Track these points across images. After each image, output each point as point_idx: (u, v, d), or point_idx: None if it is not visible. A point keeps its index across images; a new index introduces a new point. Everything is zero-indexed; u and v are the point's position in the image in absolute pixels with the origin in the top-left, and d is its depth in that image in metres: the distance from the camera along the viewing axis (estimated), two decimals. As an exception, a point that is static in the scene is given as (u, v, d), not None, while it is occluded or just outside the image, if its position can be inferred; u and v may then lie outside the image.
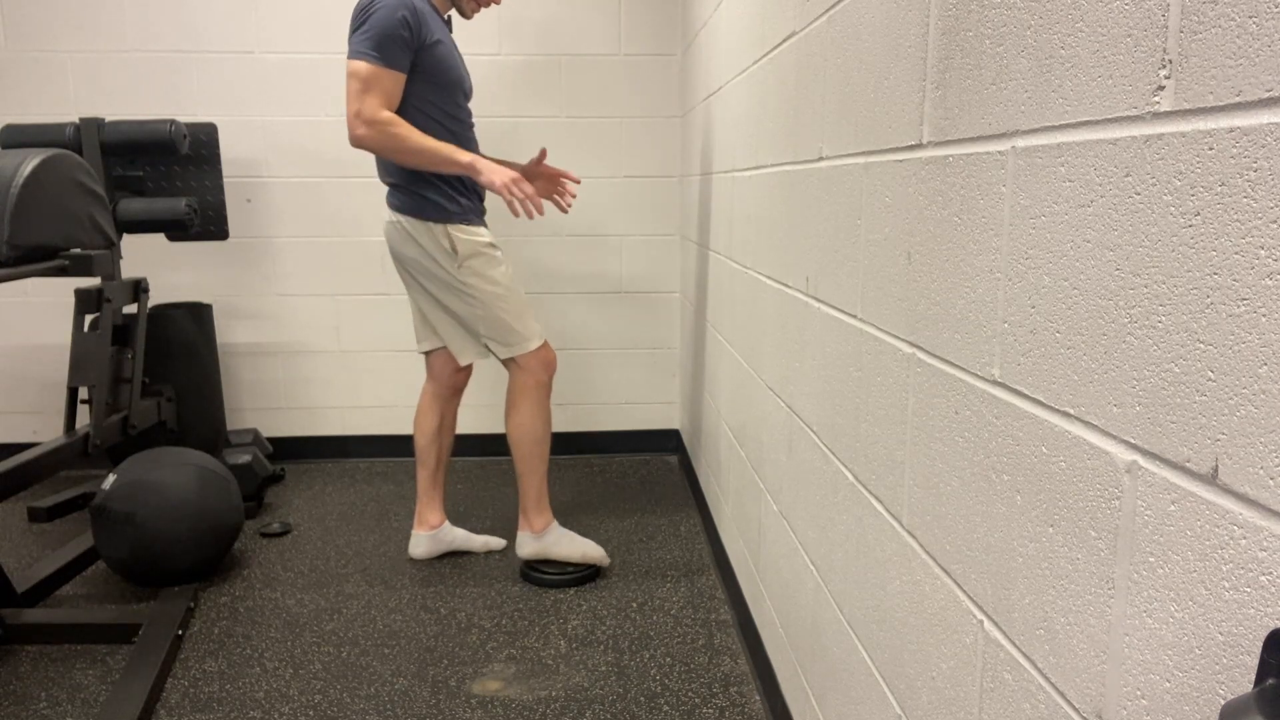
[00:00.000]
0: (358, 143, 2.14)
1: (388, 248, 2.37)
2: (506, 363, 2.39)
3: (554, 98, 3.32)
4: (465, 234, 2.27)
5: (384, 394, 3.50)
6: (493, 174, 2.16)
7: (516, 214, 2.16)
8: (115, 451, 2.92)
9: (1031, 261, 0.77)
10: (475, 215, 2.32)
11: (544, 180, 2.51)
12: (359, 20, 2.12)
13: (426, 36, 2.16)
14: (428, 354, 2.52)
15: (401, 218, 2.28)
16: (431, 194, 2.25)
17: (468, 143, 2.33)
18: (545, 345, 2.40)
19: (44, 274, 2.22)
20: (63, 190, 2.28)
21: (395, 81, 2.14)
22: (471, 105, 3.30)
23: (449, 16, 2.36)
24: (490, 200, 3.30)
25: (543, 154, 2.43)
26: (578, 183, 2.45)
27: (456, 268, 2.27)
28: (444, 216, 2.25)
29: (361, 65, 2.10)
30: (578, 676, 1.98)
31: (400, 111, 2.19)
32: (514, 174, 2.17)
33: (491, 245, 2.32)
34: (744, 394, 2.10)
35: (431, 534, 2.58)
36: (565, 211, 2.50)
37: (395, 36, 2.10)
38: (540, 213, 2.18)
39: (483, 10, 2.33)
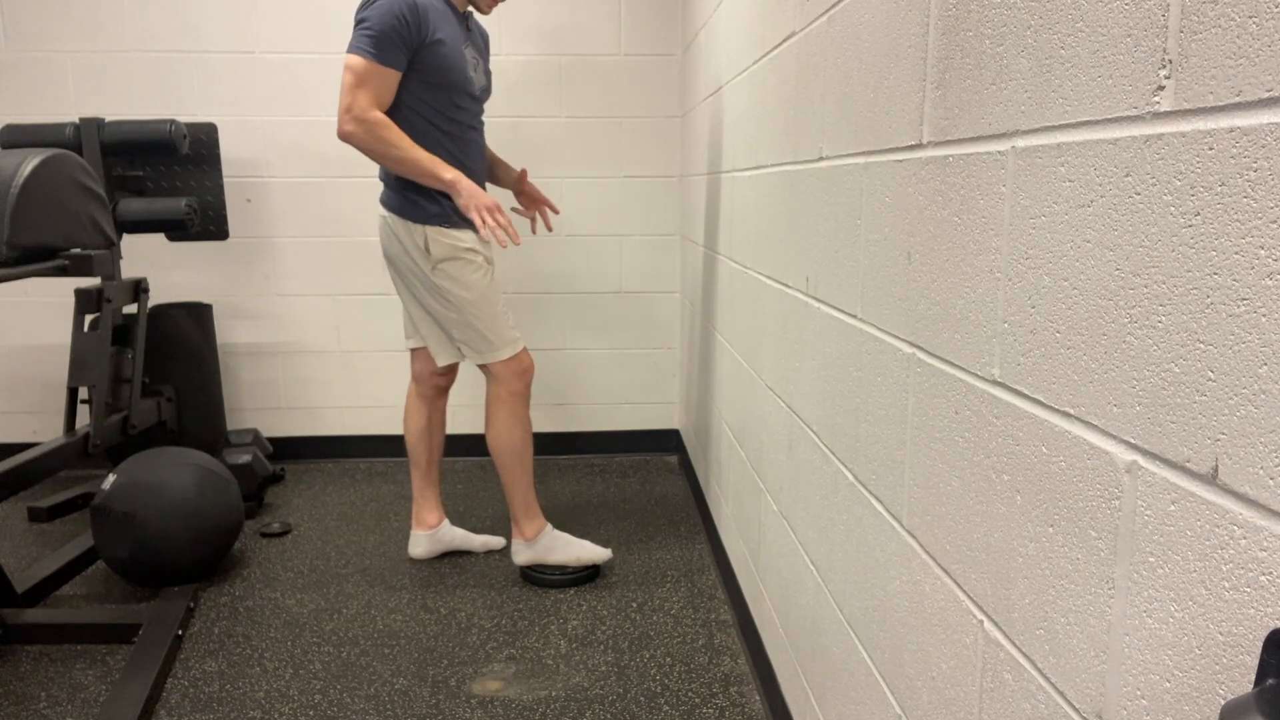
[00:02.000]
0: (345, 138, 2.14)
1: (381, 245, 2.38)
2: (481, 368, 2.39)
3: (554, 98, 3.32)
4: (442, 236, 2.25)
5: (384, 394, 3.50)
6: (470, 198, 2.17)
7: (487, 240, 2.20)
8: (115, 451, 2.92)
9: (1031, 261, 0.77)
10: (458, 217, 2.28)
11: (527, 198, 2.59)
12: (360, 14, 2.12)
13: (428, 35, 2.14)
14: (412, 351, 2.52)
15: (387, 214, 2.29)
16: (412, 193, 2.24)
17: (467, 145, 2.31)
18: (521, 354, 2.37)
19: (44, 274, 2.22)
20: (63, 190, 2.28)
21: (389, 79, 2.13)
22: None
23: (467, 12, 2.32)
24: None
25: (523, 174, 2.52)
26: (556, 213, 2.57)
27: (430, 269, 2.26)
28: (423, 217, 2.24)
29: (357, 60, 2.10)
30: (578, 676, 1.98)
31: (394, 109, 2.18)
32: (492, 201, 2.18)
33: (471, 250, 2.28)
34: (744, 394, 2.10)
35: (430, 533, 2.58)
36: (534, 233, 2.70)
37: (392, 34, 2.09)
38: (516, 242, 2.21)
39: (500, 5, 2.34)
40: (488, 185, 2.94)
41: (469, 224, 2.31)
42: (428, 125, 2.23)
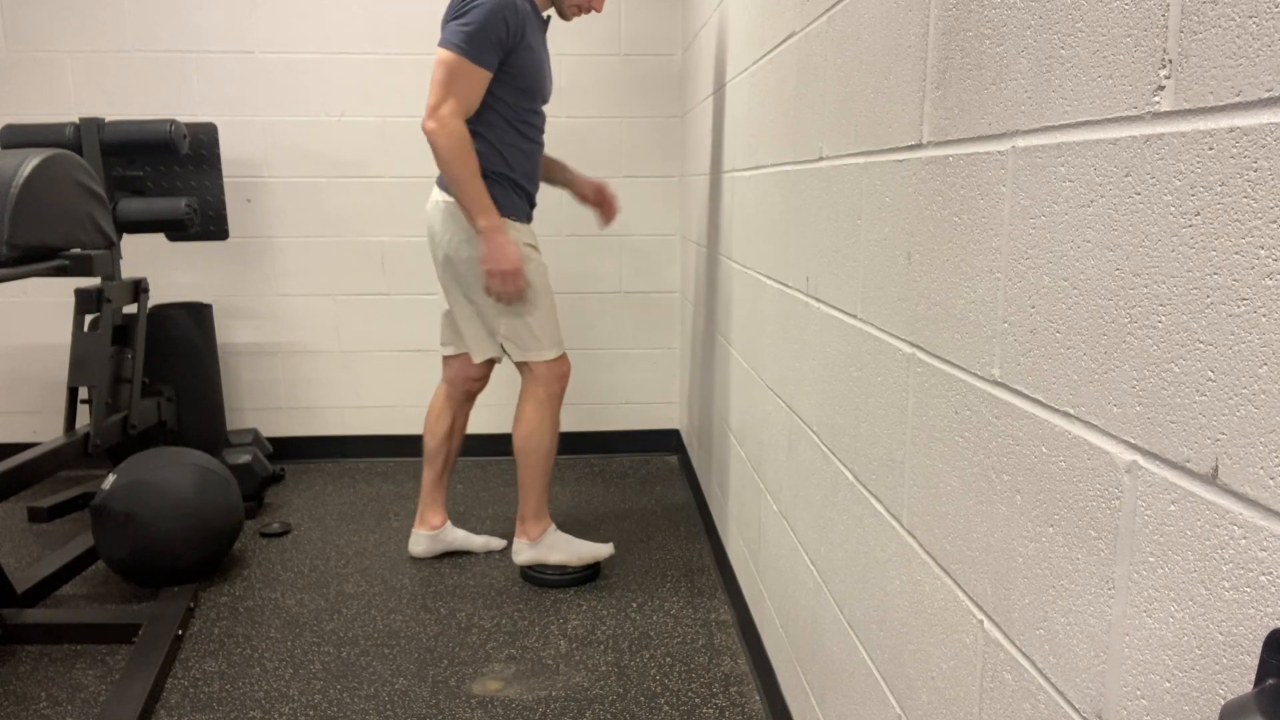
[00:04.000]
0: (426, 134, 2.13)
1: (427, 230, 2.34)
2: (519, 366, 2.39)
3: (554, 97, 3.32)
4: (512, 231, 2.26)
5: (384, 394, 3.50)
6: (493, 258, 2.17)
7: (489, 292, 2.23)
8: (115, 451, 2.92)
9: (1031, 261, 0.77)
10: (522, 214, 2.31)
11: (594, 192, 2.57)
12: (459, 9, 2.09)
13: (521, 39, 2.14)
14: (446, 359, 2.51)
15: (450, 200, 2.26)
16: (488, 183, 2.23)
17: (534, 147, 2.32)
18: (562, 357, 2.38)
19: (44, 274, 2.22)
20: (63, 190, 2.28)
21: (480, 79, 2.12)
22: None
23: (548, 16, 2.32)
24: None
25: (602, 187, 2.55)
26: (615, 213, 2.59)
27: None
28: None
29: (450, 56, 2.07)
30: (578, 676, 1.98)
31: (480, 107, 2.18)
32: (514, 267, 2.18)
33: (532, 247, 2.32)
34: (744, 394, 2.10)
35: (432, 534, 2.58)
36: (604, 225, 2.64)
37: (492, 35, 2.08)
38: (510, 303, 2.26)
39: (583, 15, 2.34)
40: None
41: (529, 221, 2.35)
42: (507, 127, 2.23)
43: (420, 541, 2.59)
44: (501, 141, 2.23)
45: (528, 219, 2.35)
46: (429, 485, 2.58)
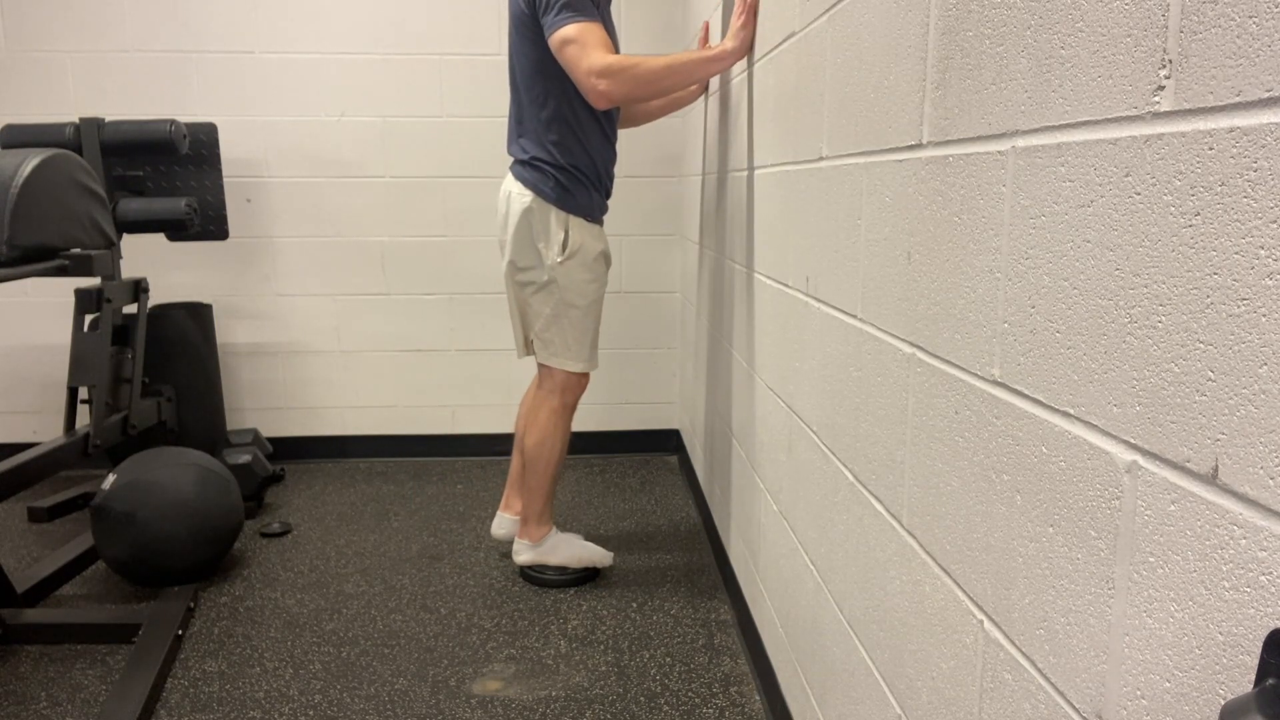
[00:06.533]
0: (603, 99, 2.04)
1: (499, 211, 2.32)
2: (541, 367, 2.38)
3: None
4: (583, 232, 2.24)
5: (384, 394, 3.50)
6: (732, 43, 1.98)
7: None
8: (115, 451, 2.92)
9: (1031, 261, 0.77)
10: (599, 211, 2.30)
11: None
12: None
13: (602, 1, 2.13)
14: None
15: (527, 191, 2.23)
16: (566, 179, 2.21)
17: (612, 145, 2.31)
18: (586, 375, 2.38)
19: (44, 274, 2.22)
20: (63, 190, 2.28)
21: (602, 31, 2.07)
22: (482, 102, 3.31)
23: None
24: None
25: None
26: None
27: (557, 258, 2.23)
28: (570, 205, 2.22)
29: (569, 29, 2.03)
30: (578, 676, 1.98)
31: (556, 78, 2.14)
32: (750, 33, 1.97)
33: (603, 256, 2.30)
34: (744, 394, 2.10)
35: (516, 518, 2.58)
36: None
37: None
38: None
39: None
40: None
41: (603, 215, 2.33)
42: (594, 125, 2.22)
43: (504, 524, 2.58)
44: (587, 137, 2.22)
45: (603, 214, 2.33)
46: (516, 472, 2.58)
